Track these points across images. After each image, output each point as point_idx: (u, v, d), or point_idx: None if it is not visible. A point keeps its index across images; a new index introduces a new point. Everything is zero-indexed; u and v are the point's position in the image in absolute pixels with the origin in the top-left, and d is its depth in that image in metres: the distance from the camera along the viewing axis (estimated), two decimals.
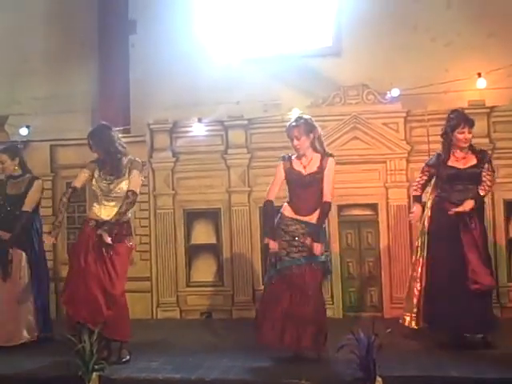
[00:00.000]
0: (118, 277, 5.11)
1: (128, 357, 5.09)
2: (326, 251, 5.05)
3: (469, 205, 5.20)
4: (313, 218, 5.01)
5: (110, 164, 5.21)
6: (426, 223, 5.49)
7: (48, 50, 8.65)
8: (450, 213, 5.20)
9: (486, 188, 5.32)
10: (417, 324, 5.45)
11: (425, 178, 5.58)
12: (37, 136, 7.58)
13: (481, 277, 5.16)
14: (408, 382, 4.38)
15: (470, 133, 5.36)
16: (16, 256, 5.85)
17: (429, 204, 5.53)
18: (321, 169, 5.03)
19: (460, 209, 5.20)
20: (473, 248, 5.22)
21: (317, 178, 5.02)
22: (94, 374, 4.47)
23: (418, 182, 5.63)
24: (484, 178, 5.33)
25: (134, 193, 5.17)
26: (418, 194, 5.60)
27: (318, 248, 4.92)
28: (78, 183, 5.29)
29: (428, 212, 5.50)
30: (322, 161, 5.06)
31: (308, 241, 4.96)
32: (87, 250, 5.12)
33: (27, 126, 7.59)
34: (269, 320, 4.96)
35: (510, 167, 6.72)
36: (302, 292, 4.94)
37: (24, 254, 5.88)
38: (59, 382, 4.64)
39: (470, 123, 5.38)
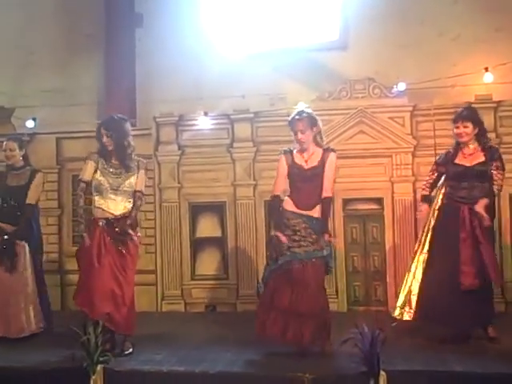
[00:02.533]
0: (128, 273, 5.17)
1: (131, 349, 5.10)
2: (327, 246, 5.03)
3: (483, 203, 5.14)
4: (314, 212, 5.01)
5: (119, 157, 5.21)
6: (433, 220, 5.47)
7: (55, 43, 8.66)
8: (476, 210, 5.13)
9: (497, 187, 5.26)
10: (413, 317, 5.44)
11: (433, 177, 5.55)
12: (43, 129, 7.60)
13: (464, 277, 5.14)
14: (412, 376, 4.37)
15: (465, 127, 5.31)
16: (19, 248, 5.86)
17: (438, 201, 5.50)
18: (322, 163, 5.03)
19: (477, 208, 5.12)
20: (468, 246, 5.19)
21: (317, 172, 5.02)
22: (99, 366, 4.48)
23: (427, 181, 5.60)
24: (495, 177, 5.26)
25: (142, 193, 5.33)
26: (426, 193, 5.56)
27: (326, 237, 4.97)
28: (87, 176, 5.23)
29: (435, 208, 5.49)
30: (323, 155, 5.05)
31: (311, 235, 4.96)
32: (100, 250, 5.11)
33: (33, 119, 7.61)
34: (271, 313, 4.96)
35: None
36: (302, 287, 4.93)
37: (26, 245, 5.89)
38: (64, 374, 4.65)
39: (464, 118, 5.32)
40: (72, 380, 4.56)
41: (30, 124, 7.59)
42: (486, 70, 6.72)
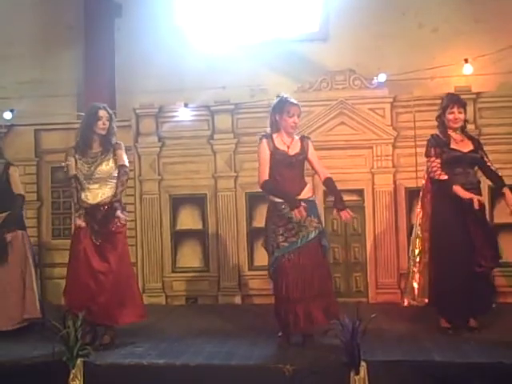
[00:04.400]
0: (108, 263, 5.14)
1: (108, 341, 5.10)
2: (318, 223, 5.07)
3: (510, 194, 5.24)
4: (304, 195, 5.03)
5: (106, 142, 5.23)
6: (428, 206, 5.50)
7: (33, 34, 8.51)
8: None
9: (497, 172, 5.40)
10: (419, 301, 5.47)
11: (439, 160, 5.33)
12: (21, 120, 7.51)
13: (485, 259, 5.19)
14: (392, 366, 4.39)
15: (460, 113, 5.35)
16: (17, 238, 5.82)
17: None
18: (303, 151, 5.10)
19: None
20: (478, 230, 5.22)
21: (301, 158, 5.10)
22: (79, 359, 4.46)
23: (437, 166, 5.32)
24: (489, 164, 5.38)
25: (124, 166, 5.27)
26: (446, 176, 5.27)
27: (344, 215, 5.05)
28: (73, 171, 5.27)
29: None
30: (302, 143, 5.13)
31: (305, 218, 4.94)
32: (79, 238, 5.18)
33: (11, 110, 7.52)
34: (286, 308, 4.95)
35: (496, 153, 6.62)
36: (305, 272, 4.93)
37: (22, 232, 5.87)
38: (43, 368, 4.62)
39: (459, 103, 5.37)
40: (51, 374, 4.54)
41: (7, 115, 7.50)
42: (466, 61, 6.76)
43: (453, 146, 5.36)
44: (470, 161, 5.34)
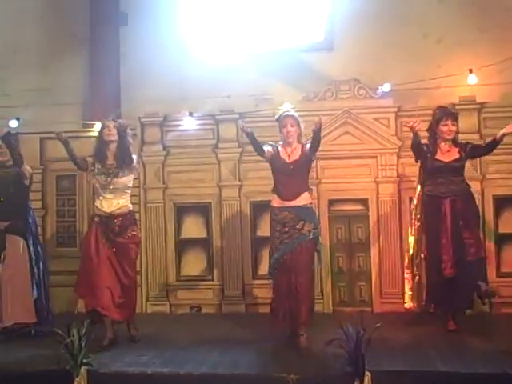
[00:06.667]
0: (128, 266, 5.53)
1: (108, 343, 5.30)
2: (314, 229, 5.31)
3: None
4: (299, 201, 5.30)
5: (120, 153, 5.53)
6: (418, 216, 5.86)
7: (38, 42, 8.59)
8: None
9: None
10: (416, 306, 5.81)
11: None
12: (26, 129, 7.50)
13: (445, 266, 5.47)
14: (396, 376, 4.39)
15: (453, 125, 5.65)
16: (14, 242, 5.88)
17: (419, 197, 5.92)
18: (303, 155, 5.36)
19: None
20: (448, 238, 5.52)
21: (299, 164, 5.34)
22: (83, 367, 4.46)
23: None
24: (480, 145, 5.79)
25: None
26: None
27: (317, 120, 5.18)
28: (88, 159, 5.63)
29: (416, 205, 5.92)
30: (302, 149, 5.38)
31: (298, 222, 5.24)
32: (96, 244, 5.46)
33: (17, 119, 7.52)
34: (279, 308, 5.25)
35: (500, 163, 6.73)
36: (296, 273, 5.19)
37: (23, 240, 5.92)
38: (47, 376, 4.63)
39: (453, 116, 5.68)
40: (55, 382, 4.54)
41: (13, 124, 7.48)
42: (470, 71, 6.76)
43: (437, 156, 5.68)
44: (452, 169, 5.64)
